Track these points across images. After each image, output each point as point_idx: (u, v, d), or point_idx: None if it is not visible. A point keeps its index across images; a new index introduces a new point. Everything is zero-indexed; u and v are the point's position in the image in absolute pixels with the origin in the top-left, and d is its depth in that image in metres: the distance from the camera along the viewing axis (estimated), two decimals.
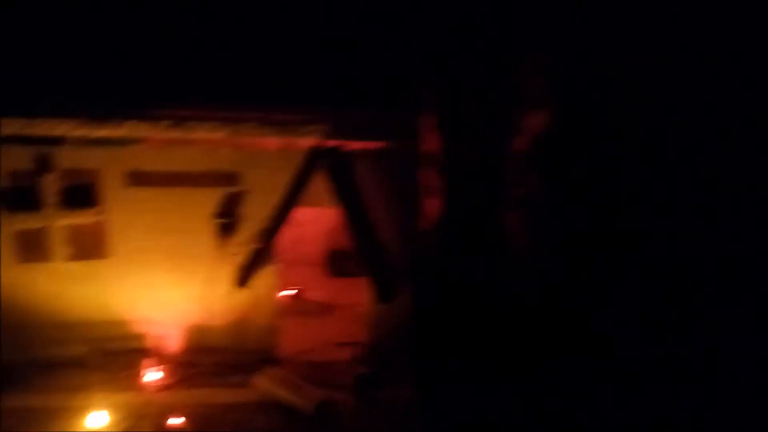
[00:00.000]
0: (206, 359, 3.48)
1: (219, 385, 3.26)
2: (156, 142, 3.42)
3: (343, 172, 3.32)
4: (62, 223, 3.30)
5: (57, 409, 2.97)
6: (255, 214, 3.49)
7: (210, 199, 3.46)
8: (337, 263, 4.83)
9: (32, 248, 3.31)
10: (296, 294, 4.38)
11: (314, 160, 3.29)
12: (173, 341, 3.53)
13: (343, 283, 4.59)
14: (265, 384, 3.18)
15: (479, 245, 3.63)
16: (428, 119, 3.76)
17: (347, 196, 3.32)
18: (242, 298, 3.50)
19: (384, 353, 3.59)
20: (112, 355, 3.46)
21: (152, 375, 3.30)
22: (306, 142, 3.52)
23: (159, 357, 3.45)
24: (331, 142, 3.43)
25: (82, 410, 2.93)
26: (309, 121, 3.49)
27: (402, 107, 3.86)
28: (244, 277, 3.38)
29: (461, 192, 3.58)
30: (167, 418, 2.92)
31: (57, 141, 3.29)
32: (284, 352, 3.62)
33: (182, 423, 2.88)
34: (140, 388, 3.20)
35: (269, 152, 3.53)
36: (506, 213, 3.33)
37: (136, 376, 3.29)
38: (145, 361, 3.34)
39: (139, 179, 3.38)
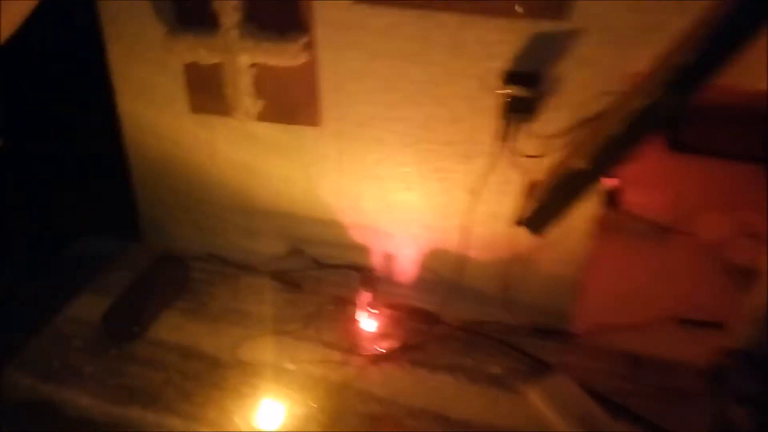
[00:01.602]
0: (453, 311, 2.12)
1: (469, 378, 1.92)
2: None
3: None
4: (247, 58, 1.88)
5: (218, 353, 1.95)
6: (584, 84, 1.71)
7: (499, 42, 1.72)
8: (683, 128, 2.82)
9: (207, 92, 2.03)
10: (606, 194, 2.58)
11: None
12: (406, 267, 2.19)
13: (692, 179, 2.64)
14: (548, 409, 1.77)
15: None
16: None
17: None
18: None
19: None
20: (319, 267, 2.27)
21: (368, 322, 2.06)
22: None
23: (383, 286, 2.16)
24: None
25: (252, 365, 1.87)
26: None
27: None
28: (540, 215, 1.76)
29: None
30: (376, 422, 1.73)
31: None
32: (585, 323, 2.09)
33: None
34: (349, 345, 2.00)
35: None
36: None
37: (342, 319, 2.09)
38: (363, 289, 2.08)
39: None
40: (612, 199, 2.44)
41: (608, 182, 2.42)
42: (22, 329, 2.01)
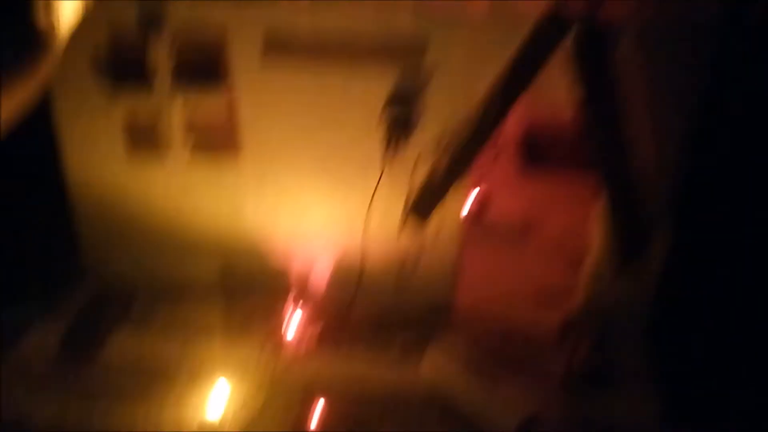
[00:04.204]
0: (361, 307, 2.57)
1: (376, 355, 2.37)
2: None
3: (595, 55, 1.97)
4: (178, 104, 2.34)
5: (167, 361, 2.27)
6: (443, 106, 2.31)
7: (379, 80, 2.30)
8: (537, 147, 3.49)
9: (143, 138, 2.44)
10: (477, 203, 3.18)
11: (550, 32, 1.96)
12: (319, 275, 2.64)
13: (542, 187, 3.32)
14: (437, 376, 2.25)
15: None
16: None
17: (595, 95, 2.00)
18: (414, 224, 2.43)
19: (614, 331, 2.47)
20: (247, 282, 2.66)
21: (292, 322, 2.47)
22: (526, 6, 2.16)
23: (301, 295, 2.59)
24: (575, 7, 2.04)
25: (198, 365, 2.21)
26: None
27: None
28: (423, 205, 2.29)
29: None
30: (308, 398, 2.11)
31: None
32: (464, 305, 2.61)
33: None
34: (276, 341, 2.40)
35: (471, 17, 2.24)
36: None
37: (272, 320, 2.49)
38: (284, 300, 2.51)
39: (281, 47, 2.29)
40: (480, 209, 3.06)
41: (477, 195, 3.07)
42: None
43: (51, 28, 1.41)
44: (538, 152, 3.34)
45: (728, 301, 2.38)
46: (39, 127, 2.48)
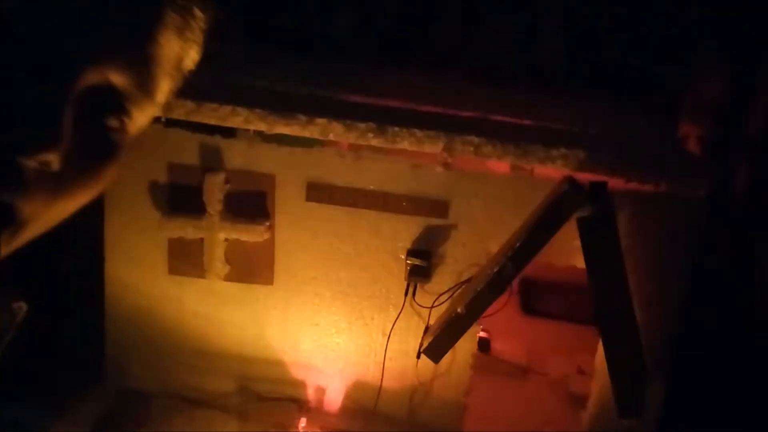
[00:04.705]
0: (371, 429, 2.71)
1: None
2: (348, 148, 2.59)
3: (606, 226, 2.26)
4: (223, 235, 2.59)
5: None
6: (460, 258, 2.58)
7: (405, 230, 2.58)
8: (531, 297, 3.83)
9: (185, 259, 2.67)
10: (481, 342, 3.43)
11: (569, 203, 2.25)
12: (334, 398, 2.79)
13: (540, 331, 3.60)
14: None
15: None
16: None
17: (605, 264, 2.27)
18: (427, 361, 2.63)
19: None
20: (263, 401, 2.80)
21: None
22: (545, 170, 2.51)
23: (315, 414, 2.74)
24: (587, 176, 2.38)
25: None
26: (554, 136, 2.47)
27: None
28: (436, 348, 2.50)
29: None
30: None
31: (229, 132, 2.57)
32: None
33: None
34: None
35: (491, 177, 2.57)
36: None
37: None
38: (300, 418, 2.64)
39: (320, 193, 2.58)
40: (484, 346, 3.29)
41: (481, 334, 3.32)
42: None
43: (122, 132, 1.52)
44: (531, 300, 3.66)
45: None
46: (90, 235, 2.73)
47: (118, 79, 0.67)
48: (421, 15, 3.00)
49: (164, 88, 0.75)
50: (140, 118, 0.74)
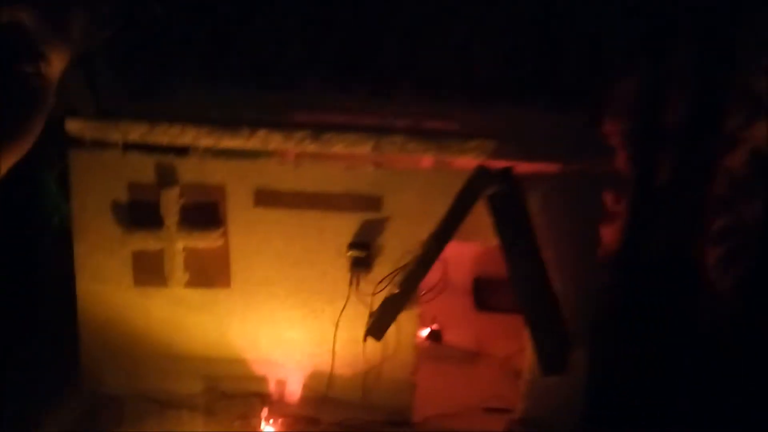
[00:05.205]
0: (329, 415, 2.94)
1: None
2: (289, 156, 2.90)
3: (513, 202, 2.58)
4: (181, 244, 2.86)
5: None
6: (396, 247, 2.87)
7: (346, 226, 2.88)
8: (484, 294, 4.11)
9: (149, 271, 2.92)
10: (433, 334, 3.71)
11: (478, 184, 2.57)
12: (294, 388, 3.02)
13: (490, 321, 3.87)
14: None
15: (669, 289, 2.82)
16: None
17: (515, 234, 2.58)
18: (374, 345, 2.89)
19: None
20: (228, 398, 3.01)
21: (268, 429, 2.82)
22: (464, 161, 2.83)
23: (277, 405, 2.96)
24: (498, 163, 2.71)
25: None
26: (470, 133, 2.80)
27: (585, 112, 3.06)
28: (378, 326, 2.77)
29: (650, 220, 2.76)
30: None
31: (181, 151, 2.88)
32: (420, 413, 3.00)
33: None
34: None
35: (418, 173, 2.89)
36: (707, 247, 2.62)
37: (251, 426, 2.82)
38: (262, 410, 2.87)
39: (268, 199, 2.88)
40: (436, 337, 3.56)
41: (434, 326, 3.60)
42: None
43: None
44: (484, 296, 3.96)
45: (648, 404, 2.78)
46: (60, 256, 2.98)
47: (28, 18, 0.68)
48: (367, 41, 3.24)
49: (78, 23, 0.76)
50: (57, 61, 0.79)
